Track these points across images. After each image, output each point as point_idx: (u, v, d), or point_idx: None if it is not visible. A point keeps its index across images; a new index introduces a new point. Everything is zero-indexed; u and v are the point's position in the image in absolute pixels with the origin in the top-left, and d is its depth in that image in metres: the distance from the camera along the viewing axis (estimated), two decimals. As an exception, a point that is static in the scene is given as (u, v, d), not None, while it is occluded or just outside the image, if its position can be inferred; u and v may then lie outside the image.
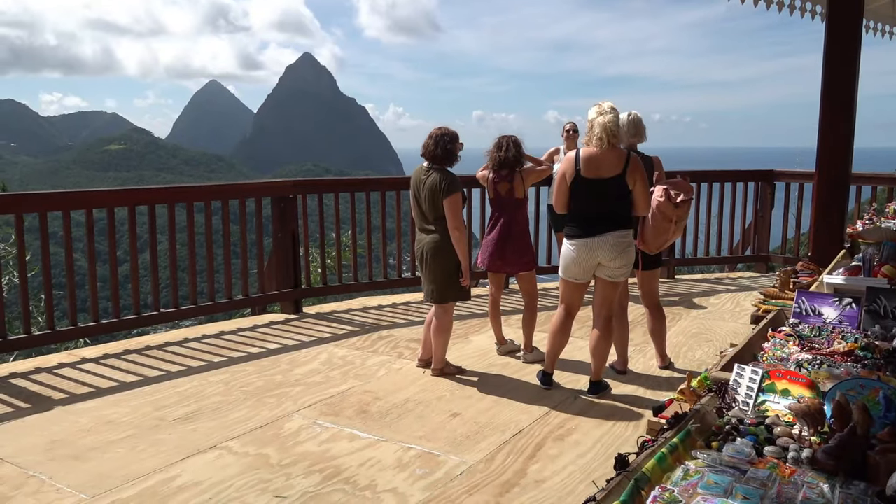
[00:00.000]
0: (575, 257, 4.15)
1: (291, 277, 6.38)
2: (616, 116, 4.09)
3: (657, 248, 4.53)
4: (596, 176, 4.06)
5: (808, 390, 2.02)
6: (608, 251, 4.06)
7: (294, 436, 3.82)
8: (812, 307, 2.98)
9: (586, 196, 4.11)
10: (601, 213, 4.09)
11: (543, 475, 3.39)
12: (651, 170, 4.58)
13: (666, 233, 4.41)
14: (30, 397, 4.40)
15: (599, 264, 4.13)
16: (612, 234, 4.06)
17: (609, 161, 4.04)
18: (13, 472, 3.41)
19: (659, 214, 4.35)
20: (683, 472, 1.60)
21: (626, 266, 4.17)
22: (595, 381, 4.35)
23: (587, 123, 4.15)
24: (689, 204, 4.41)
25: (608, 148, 4.04)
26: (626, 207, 4.13)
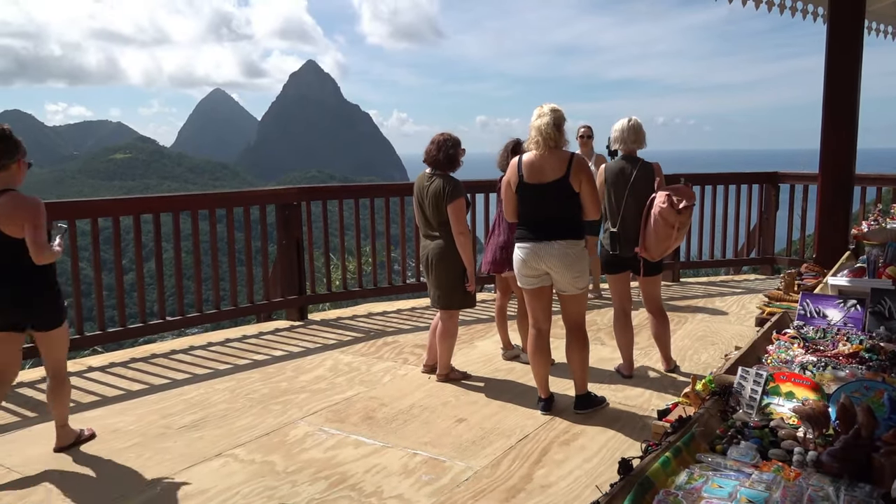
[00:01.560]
0: (524, 260, 4.02)
1: (296, 284, 6.39)
2: (553, 118, 3.93)
3: (659, 254, 4.48)
4: (538, 181, 3.94)
5: (813, 393, 2.01)
6: (554, 261, 3.93)
7: (300, 443, 3.83)
8: (816, 309, 2.97)
9: (532, 202, 3.99)
10: (547, 218, 3.96)
11: (549, 480, 3.38)
12: (651, 176, 4.53)
13: (668, 239, 4.36)
14: (36, 406, 4.42)
15: (548, 273, 4.01)
16: (557, 242, 3.92)
17: (550, 164, 3.92)
18: (20, 482, 3.42)
19: (661, 221, 4.30)
20: (688, 475, 1.60)
21: (578, 278, 4.00)
22: (581, 395, 4.20)
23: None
24: (691, 210, 4.36)
25: (549, 151, 3.92)
26: (574, 212, 3.98)
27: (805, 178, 7.77)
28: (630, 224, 4.50)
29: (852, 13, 5.62)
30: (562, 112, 4.01)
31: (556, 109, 3.98)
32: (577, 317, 4.14)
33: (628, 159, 4.60)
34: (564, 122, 4.01)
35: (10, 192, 3.40)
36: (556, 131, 3.92)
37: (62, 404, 3.74)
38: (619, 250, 4.56)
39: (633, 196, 4.49)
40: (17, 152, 3.45)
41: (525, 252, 4.02)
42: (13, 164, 3.44)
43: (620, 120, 4.66)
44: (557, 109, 3.99)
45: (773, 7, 6.69)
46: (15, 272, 3.42)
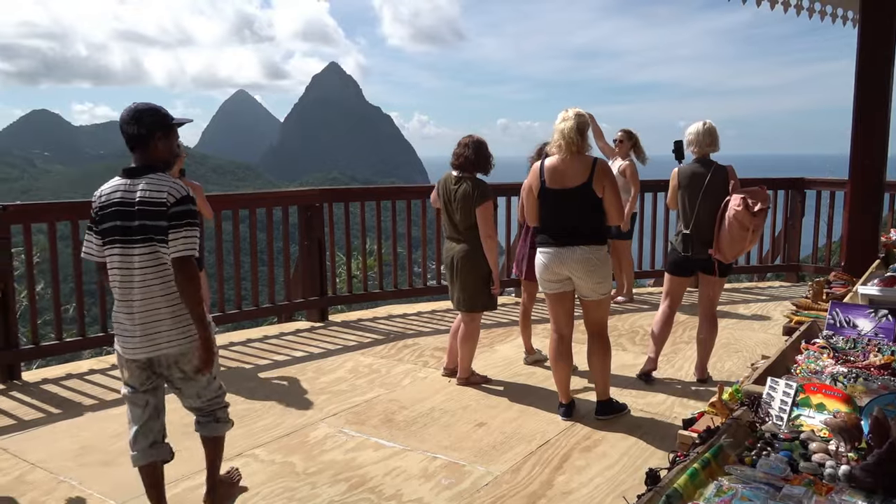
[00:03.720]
0: (545, 265, 4.00)
1: (318, 286, 6.41)
2: (577, 123, 3.87)
3: (733, 256, 4.46)
4: (561, 186, 3.91)
5: (845, 405, 1.97)
6: (576, 266, 3.90)
7: (320, 444, 3.83)
8: (846, 319, 2.91)
9: (554, 207, 3.97)
10: (570, 224, 3.93)
11: (570, 487, 3.35)
12: (726, 179, 4.50)
13: (743, 241, 4.33)
14: (61, 403, 4.47)
15: (570, 279, 3.98)
16: (580, 248, 3.89)
17: (573, 170, 3.89)
18: (44, 478, 3.46)
19: (736, 223, 4.27)
20: (716, 488, 1.56)
21: (601, 284, 3.97)
22: (603, 401, 4.17)
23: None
24: (766, 213, 4.35)
25: (571, 156, 3.89)
26: (597, 218, 3.95)
27: (832, 185, 7.65)
28: (704, 226, 4.47)
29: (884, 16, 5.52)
30: (587, 117, 3.97)
31: (580, 114, 3.93)
32: (600, 322, 4.11)
33: (702, 162, 4.59)
34: (588, 128, 3.97)
35: None
36: (578, 136, 3.88)
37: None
38: (692, 252, 4.53)
39: (708, 199, 4.46)
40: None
41: (547, 257, 3.99)
42: None
43: (695, 123, 4.64)
44: (582, 114, 3.94)
45: (801, 10, 6.60)
46: None
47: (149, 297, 2.77)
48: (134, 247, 2.74)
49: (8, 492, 3.32)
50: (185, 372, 2.91)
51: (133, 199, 2.73)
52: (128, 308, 2.80)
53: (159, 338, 2.80)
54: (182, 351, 2.84)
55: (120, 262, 2.77)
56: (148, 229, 2.72)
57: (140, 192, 2.73)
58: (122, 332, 2.83)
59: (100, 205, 2.81)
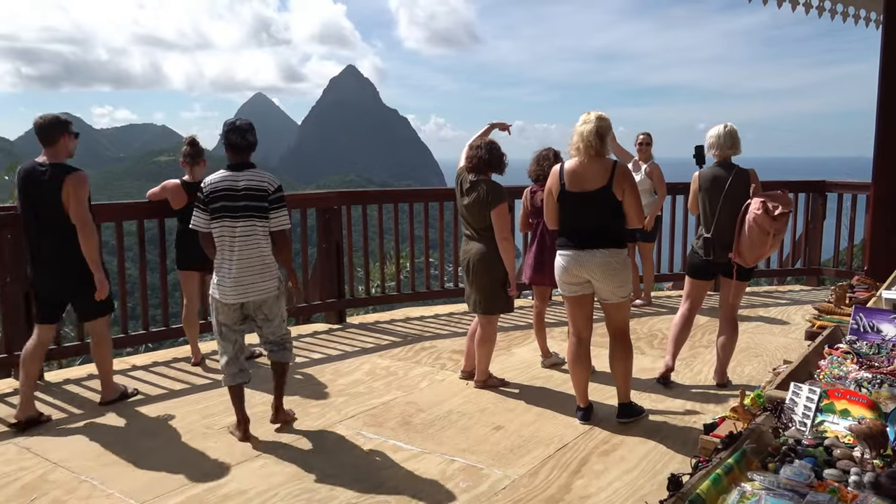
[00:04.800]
0: (565, 267, 3.97)
1: (335, 288, 6.43)
2: (597, 126, 3.84)
3: (753, 260, 4.41)
4: (580, 189, 3.89)
5: (870, 411, 1.95)
6: (596, 270, 3.88)
7: (338, 446, 3.84)
8: (870, 323, 2.88)
9: (573, 210, 3.94)
10: (589, 227, 3.91)
11: (589, 491, 3.33)
12: (747, 182, 4.46)
13: (763, 246, 4.28)
14: (83, 403, 4.51)
15: (590, 282, 3.96)
16: (600, 251, 3.86)
17: (592, 172, 3.86)
18: (66, 477, 3.49)
19: (757, 227, 4.23)
20: (739, 494, 1.55)
21: (621, 287, 3.94)
22: (625, 404, 4.16)
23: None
24: (787, 217, 4.29)
25: (591, 159, 3.86)
26: (617, 221, 3.93)
27: (854, 187, 7.56)
28: (725, 230, 4.44)
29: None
30: (608, 122, 3.92)
31: (602, 118, 3.90)
32: (622, 325, 4.09)
33: (723, 165, 4.56)
34: (609, 133, 3.93)
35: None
36: (597, 140, 3.85)
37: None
38: (713, 256, 4.50)
39: (729, 202, 4.43)
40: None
41: (567, 259, 3.97)
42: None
43: (716, 126, 4.61)
44: (604, 118, 3.91)
45: (823, 12, 6.54)
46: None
47: (244, 258, 3.75)
48: (237, 221, 3.73)
49: (31, 490, 3.36)
50: (265, 314, 3.89)
51: (238, 186, 3.74)
52: (228, 266, 3.76)
53: (248, 288, 3.77)
54: (264, 298, 3.82)
55: (225, 232, 3.75)
56: (250, 209, 3.74)
57: (244, 181, 3.75)
58: (222, 283, 3.78)
59: (210, 190, 3.76)
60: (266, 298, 3.83)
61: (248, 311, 3.85)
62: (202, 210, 3.80)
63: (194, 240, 4.75)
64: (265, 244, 3.81)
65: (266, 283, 3.80)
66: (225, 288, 3.77)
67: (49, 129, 4.08)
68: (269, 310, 3.88)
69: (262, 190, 3.75)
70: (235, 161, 3.83)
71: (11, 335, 4.84)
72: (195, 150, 5.04)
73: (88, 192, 4.12)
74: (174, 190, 5.03)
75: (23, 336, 4.83)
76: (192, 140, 5.09)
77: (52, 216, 4.04)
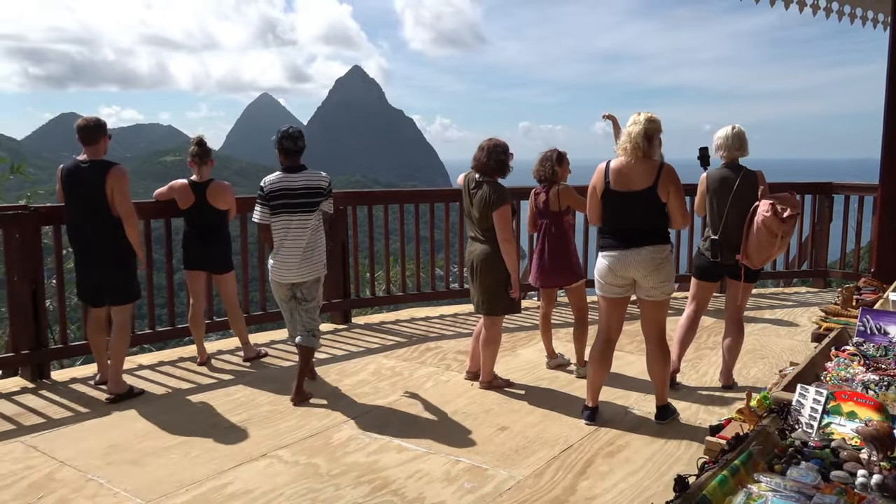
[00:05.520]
0: (610, 269, 3.98)
1: (341, 288, 6.44)
2: (645, 128, 3.85)
3: (761, 262, 4.40)
4: (626, 189, 3.90)
5: (877, 413, 1.94)
6: (642, 266, 3.89)
7: (343, 446, 3.85)
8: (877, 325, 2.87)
9: (618, 209, 3.96)
10: (634, 226, 3.92)
11: (594, 492, 3.33)
12: (755, 184, 4.46)
13: (771, 247, 4.28)
14: (89, 402, 4.53)
15: (635, 281, 3.97)
16: (646, 248, 3.88)
17: (640, 173, 3.87)
18: (73, 475, 3.51)
19: (764, 229, 4.22)
20: (746, 495, 1.55)
21: (664, 283, 3.96)
22: (662, 406, 4.17)
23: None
24: (795, 219, 4.27)
25: (637, 159, 3.87)
26: (661, 221, 3.96)
27: (861, 189, 7.53)
28: (732, 232, 4.43)
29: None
30: (657, 123, 3.91)
31: (651, 119, 3.89)
32: (661, 325, 4.09)
33: (731, 167, 4.56)
34: (658, 134, 3.92)
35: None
36: (645, 141, 3.85)
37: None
38: (721, 257, 4.50)
39: (737, 204, 4.42)
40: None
41: (611, 260, 3.96)
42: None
43: (724, 128, 4.60)
44: (653, 120, 3.90)
45: (830, 14, 6.52)
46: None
47: (294, 247, 4.48)
48: (293, 216, 4.47)
49: (38, 489, 3.37)
50: (304, 294, 4.59)
51: (295, 186, 4.47)
52: (283, 253, 4.50)
53: (298, 270, 4.51)
54: (306, 280, 4.55)
55: (283, 225, 4.48)
56: (305, 205, 4.48)
57: (302, 182, 4.49)
58: (279, 267, 4.52)
59: (269, 189, 4.49)
60: (307, 280, 4.54)
61: (294, 290, 4.59)
62: (264, 205, 4.52)
63: (200, 240, 4.88)
64: (312, 236, 4.53)
65: (310, 268, 4.53)
66: (279, 270, 4.52)
67: (93, 130, 4.47)
68: (307, 291, 4.58)
69: (319, 188, 4.53)
70: (288, 164, 4.53)
71: (18, 334, 4.86)
72: (202, 150, 5.08)
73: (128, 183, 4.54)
74: (181, 190, 5.05)
75: (30, 335, 4.87)
76: (199, 140, 5.13)
77: (97, 209, 4.40)
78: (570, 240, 5.03)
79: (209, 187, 5.05)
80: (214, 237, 5.16)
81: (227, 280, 5.30)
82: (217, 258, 5.20)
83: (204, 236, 5.13)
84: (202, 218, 5.08)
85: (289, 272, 4.52)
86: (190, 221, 5.12)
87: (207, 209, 5.06)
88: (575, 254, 5.08)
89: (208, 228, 5.12)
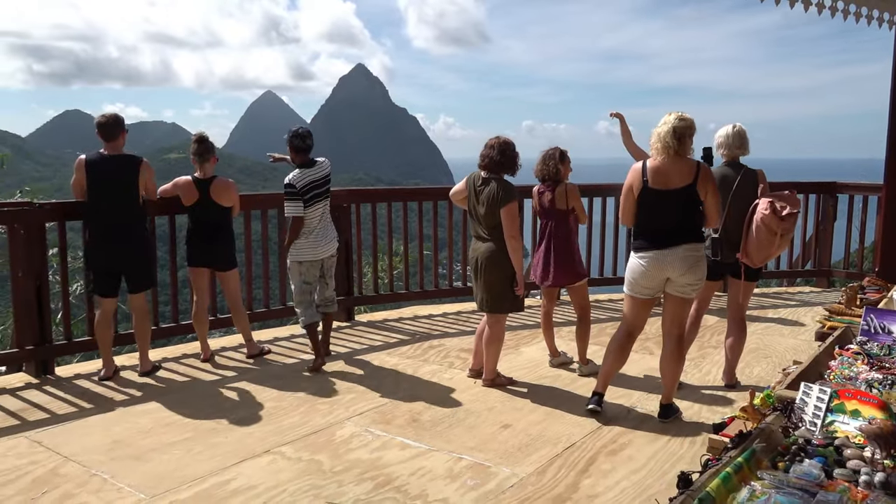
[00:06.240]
0: (644, 271, 3.97)
1: (344, 285, 6.44)
2: (674, 127, 3.84)
3: (761, 261, 4.41)
4: (664, 187, 3.89)
5: (880, 412, 1.94)
6: (678, 265, 3.89)
7: (346, 443, 3.85)
8: (881, 325, 2.87)
9: (655, 208, 3.95)
10: (672, 225, 3.92)
11: (596, 490, 3.33)
12: (755, 182, 4.46)
13: (771, 246, 4.29)
14: (93, 398, 4.55)
15: (668, 279, 3.97)
16: (683, 246, 3.88)
17: (678, 171, 3.88)
18: (77, 471, 3.52)
19: (764, 228, 4.23)
20: (749, 492, 1.55)
21: (698, 281, 3.98)
22: (666, 405, 4.18)
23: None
24: (795, 217, 4.28)
25: (675, 158, 3.87)
26: (697, 219, 3.97)
27: (865, 189, 7.52)
28: (733, 230, 4.44)
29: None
30: (688, 121, 3.88)
31: (682, 118, 3.88)
32: (682, 321, 4.10)
33: (732, 165, 4.57)
34: (690, 133, 3.89)
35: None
36: (675, 140, 3.83)
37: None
38: (721, 256, 4.50)
39: (737, 202, 4.43)
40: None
41: (647, 262, 3.95)
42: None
43: (725, 126, 4.62)
44: (684, 118, 3.88)
45: (836, 12, 6.51)
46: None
47: (324, 228, 5.12)
48: (321, 202, 5.07)
49: (42, 484, 3.38)
50: (330, 266, 5.23)
51: (318, 178, 5.03)
52: (318, 233, 5.06)
53: (331, 244, 5.16)
54: (333, 254, 5.21)
55: (317, 213, 5.03)
56: (327, 191, 5.12)
57: (321, 173, 5.06)
58: (316, 246, 5.05)
59: (301, 185, 4.93)
60: (334, 254, 5.23)
61: (323, 268, 5.15)
62: (297, 200, 4.94)
63: (204, 237, 4.90)
64: (331, 214, 5.23)
65: (335, 242, 5.24)
66: (318, 248, 5.06)
67: (113, 126, 4.75)
68: (333, 262, 5.26)
69: (329, 174, 5.14)
70: (301, 160, 5.04)
71: (23, 330, 4.88)
72: (203, 147, 5.11)
73: None
74: (185, 186, 5.06)
75: (34, 331, 4.88)
76: (201, 137, 5.15)
77: (128, 197, 4.72)
78: (574, 238, 5.03)
79: (213, 184, 5.06)
80: (218, 234, 5.17)
81: (231, 277, 5.31)
82: (221, 255, 5.21)
83: (208, 233, 5.14)
84: (206, 215, 5.09)
85: (326, 248, 5.11)
86: (194, 218, 5.13)
87: (211, 206, 5.07)
88: (578, 252, 5.08)
89: (212, 225, 5.14)
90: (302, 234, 5.00)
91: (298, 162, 5.03)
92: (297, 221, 4.98)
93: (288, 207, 4.99)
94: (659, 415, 4.17)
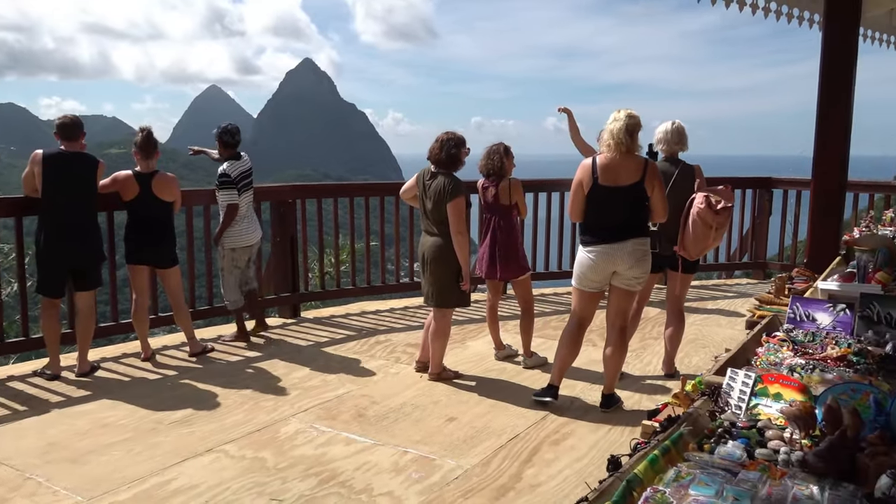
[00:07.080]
0: (593, 265, 4.06)
1: (290, 282, 6.39)
2: (626, 124, 3.94)
3: (697, 254, 4.55)
4: (614, 183, 3.98)
5: (800, 394, 2.04)
6: (626, 259, 4.00)
7: (290, 439, 3.83)
8: (806, 313, 2.99)
9: (605, 204, 4.03)
10: (620, 221, 4.02)
11: (539, 479, 3.40)
12: (692, 177, 4.59)
13: (706, 239, 4.43)
14: (27, 400, 4.41)
15: (615, 272, 4.07)
16: (630, 241, 3.99)
17: (626, 168, 3.97)
18: (10, 475, 3.42)
19: (700, 221, 4.36)
20: (675, 473, 1.61)
21: (644, 274, 4.11)
22: (608, 395, 4.28)
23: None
24: (729, 211, 4.44)
25: (622, 155, 3.96)
26: (644, 215, 4.09)
27: (798, 184, 7.80)
28: (670, 223, 4.53)
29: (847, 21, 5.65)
30: (637, 119, 4.00)
31: (631, 115, 3.98)
32: (626, 313, 4.22)
33: (671, 160, 4.69)
34: (638, 129, 4.00)
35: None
36: (627, 137, 3.94)
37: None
38: (659, 248, 4.61)
39: (675, 196, 4.52)
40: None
41: (596, 255, 4.04)
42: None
43: (664, 123, 4.74)
44: (633, 116, 3.99)
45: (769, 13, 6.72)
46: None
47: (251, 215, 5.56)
48: (248, 192, 5.46)
49: (-28, 489, 3.28)
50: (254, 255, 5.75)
51: (248, 168, 5.49)
52: (250, 219, 5.52)
53: (257, 233, 5.61)
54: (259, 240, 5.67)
55: (249, 199, 5.51)
56: (251, 183, 5.54)
57: (248, 164, 5.53)
58: (252, 231, 5.52)
59: (236, 175, 5.33)
60: (259, 241, 5.71)
61: (251, 253, 5.60)
62: (232, 189, 5.30)
63: (144, 233, 4.81)
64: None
65: (260, 232, 5.69)
66: (253, 233, 5.52)
67: (73, 128, 4.75)
68: (256, 251, 5.77)
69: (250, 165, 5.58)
70: (230, 154, 5.44)
71: None
72: (148, 141, 5.01)
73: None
74: (125, 181, 4.95)
75: None
76: (148, 131, 5.06)
77: (85, 195, 4.71)
78: (517, 233, 5.10)
79: (154, 179, 4.96)
80: (159, 230, 5.07)
81: (172, 274, 5.22)
82: (162, 252, 5.11)
83: (148, 229, 5.03)
84: (147, 210, 4.99)
85: (255, 234, 5.55)
86: (133, 214, 5.02)
87: (152, 201, 4.97)
88: (521, 247, 5.15)
89: (153, 221, 5.03)
90: (234, 222, 5.34)
91: (227, 156, 5.42)
92: (233, 209, 5.31)
93: (223, 196, 5.32)
94: (601, 405, 4.28)
